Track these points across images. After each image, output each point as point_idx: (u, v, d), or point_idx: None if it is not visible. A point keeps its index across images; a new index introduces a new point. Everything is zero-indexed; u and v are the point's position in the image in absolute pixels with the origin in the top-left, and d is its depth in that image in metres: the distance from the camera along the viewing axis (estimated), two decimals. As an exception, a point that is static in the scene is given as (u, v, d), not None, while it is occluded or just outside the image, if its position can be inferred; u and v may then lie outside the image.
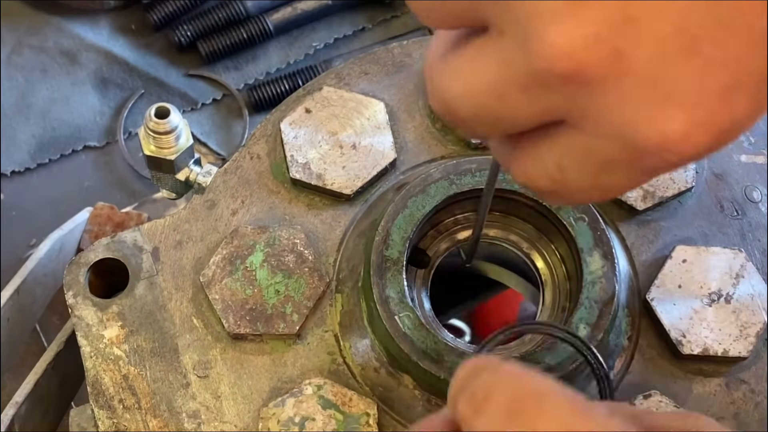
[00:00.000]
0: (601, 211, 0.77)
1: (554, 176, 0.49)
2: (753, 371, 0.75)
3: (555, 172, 0.48)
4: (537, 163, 0.49)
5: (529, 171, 0.50)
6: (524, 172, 0.50)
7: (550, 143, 0.48)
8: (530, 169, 0.50)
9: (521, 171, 0.51)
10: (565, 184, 0.49)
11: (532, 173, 0.50)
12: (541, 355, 0.70)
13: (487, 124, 0.48)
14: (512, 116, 0.47)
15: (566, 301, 0.77)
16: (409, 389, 0.73)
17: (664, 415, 0.55)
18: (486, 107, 0.47)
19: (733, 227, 0.79)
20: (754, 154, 0.83)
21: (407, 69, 0.85)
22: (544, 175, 0.49)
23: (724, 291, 0.75)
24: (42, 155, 1.30)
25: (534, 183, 0.50)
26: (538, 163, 0.49)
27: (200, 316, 0.77)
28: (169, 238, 0.79)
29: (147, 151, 0.82)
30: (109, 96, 1.34)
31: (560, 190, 0.50)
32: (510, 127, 0.48)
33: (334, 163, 0.79)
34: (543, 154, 0.49)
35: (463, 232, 0.80)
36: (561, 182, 0.49)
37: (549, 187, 0.50)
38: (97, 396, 0.74)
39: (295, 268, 0.76)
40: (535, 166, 0.49)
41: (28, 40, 1.36)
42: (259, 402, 0.74)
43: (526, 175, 0.50)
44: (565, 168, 0.48)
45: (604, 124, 0.45)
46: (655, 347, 0.75)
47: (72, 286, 0.77)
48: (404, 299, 0.72)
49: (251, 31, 1.35)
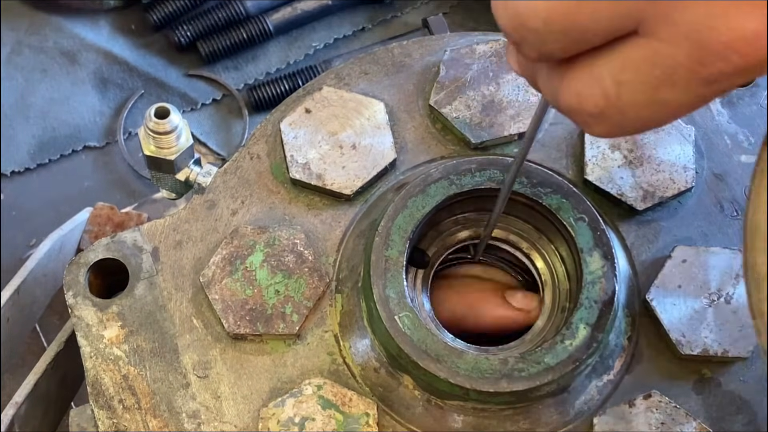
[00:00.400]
0: (601, 211, 0.77)
1: (609, 93, 0.49)
2: (753, 371, 0.75)
3: (611, 87, 0.49)
4: (592, 81, 0.50)
5: (583, 90, 0.50)
6: (576, 92, 0.51)
7: (611, 57, 0.49)
8: (584, 88, 0.50)
9: (572, 92, 0.51)
10: (620, 101, 0.49)
11: (585, 92, 0.50)
12: (541, 354, 0.70)
13: (557, 33, 0.49)
14: (588, 24, 0.48)
15: (566, 301, 0.77)
16: (409, 389, 0.73)
17: None
18: (562, 13, 0.47)
19: (733, 227, 0.79)
20: (754, 154, 0.83)
21: (407, 69, 0.85)
22: (599, 92, 0.50)
23: (724, 291, 0.75)
24: (42, 155, 1.30)
25: (584, 103, 0.51)
26: (593, 80, 0.50)
27: (200, 317, 0.77)
28: (169, 238, 0.79)
29: (147, 151, 0.82)
30: (109, 96, 1.34)
31: (611, 111, 0.50)
32: (580, 38, 0.49)
33: (334, 163, 0.79)
34: (601, 70, 0.49)
35: (463, 232, 0.81)
36: (615, 100, 0.49)
37: (601, 107, 0.50)
38: (97, 396, 0.74)
39: (295, 268, 0.76)
40: (590, 84, 0.50)
41: (28, 40, 1.36)
42: (259, 402, 0.74)
43: (577, 96, 0.51)
44: (624, 82, 0.49)
45: (679, 24, 0.45)
46: (655, 347, 0.75)
47: (72, 286, 0.77)
48: (404, 299, 0.72)
49: (251, 31, 1.35)
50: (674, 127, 0.80)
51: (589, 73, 0.50)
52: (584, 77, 0.50)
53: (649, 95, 0.49)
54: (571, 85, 0.51)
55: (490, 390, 0.69)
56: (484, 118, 0.81)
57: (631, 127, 0.52)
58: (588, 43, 0.49)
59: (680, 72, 0.47)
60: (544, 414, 0.72)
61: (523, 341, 0.76)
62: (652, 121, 0.51)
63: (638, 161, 0.79)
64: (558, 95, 0.53)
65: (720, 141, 0.83)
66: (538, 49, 0.51)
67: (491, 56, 0.83)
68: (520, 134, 0.81)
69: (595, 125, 0.52)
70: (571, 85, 0.51)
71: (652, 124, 0.52)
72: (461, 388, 0.69)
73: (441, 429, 0.72)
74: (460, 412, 0.72)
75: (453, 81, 0.82)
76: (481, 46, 0.83)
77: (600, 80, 0.50)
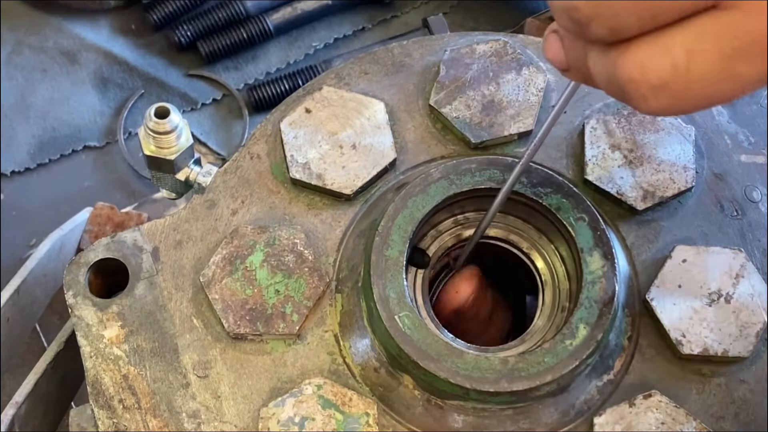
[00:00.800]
0: (601, 211, 0.77)
1: (679, 63, 0.49)
2: (753, 371, 0.75)
3: (682, 57, 0.49)
4: (661, 51, 0.49)
5: (649, 61, 0.50)
6: (639, 63, 0.50)
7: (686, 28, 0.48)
8: (650, 58, 0.50)
9: (636, 63, 0.51)
10: (688, 73, 0.49)
11: (651, 63, 0.50)
12: (541, 354, 0.70)
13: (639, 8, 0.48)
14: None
15: (566, 301, 0.77)
16: (408, 389, 0.73)
17: None
18: None
19: (733, 227, 0.79)
20: (754, 154, 0.83)
21: (407, 69, 0.85)
22: (668, 63, 0.49)
23: (724, 291, 0.75)
24: (42, 155, 1.30)
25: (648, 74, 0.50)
26: (662, 50, 0.49)
27: (200, 316, 0.77)
28: (169, 238, 0.79)
29: (147, 151, 0.82)
30: (109, 96, 1.34)
31: (676, 83, 0.50)
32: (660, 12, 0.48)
33: (334, 163, 0.79)
34: (673, 40, 0.49)
35: (465, 232, 0.81)
36: (683, 71, 0.49)
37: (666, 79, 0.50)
38: (97, 396, 0.74)
39: (295, 268, 0.76)
40: (658, 54, 0.49)
41: (28, 40, 1.36)
42: (259, 402, 0.74)
43: (641, 67, 0.50)
44: (697, 52, 0.48)
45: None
46: (655, 347, 0.75)
47: (72, 286, 0.77)
48: (404, 299, 0.72)
49: (251, 31, 1.35)
50: (674, 127, 0.80)
51: (659, 43, 0.49)
52: (651, 48, 0.50)
53: (721, 67, 0.48)
54: (635, 55, 0.51)
55: (490, 390, 0.69)
56: (484, 117, 0.81)
57: (690, 102, 0.51)
58: (667, 17, 0.49)
59: (760, 45, 0.47)
60: (544, 414, 0.72)
61: (523, 340, 0.76)
62: (714, 96, 0.50)
63: (638, 161, 0.79)
64: (617, 68, 0.52)
65: (720, 141, 0.83)
66: (610, 25, 0.50)
67: (491, 56, 0.83)
68: (520, 134, 0.81)
69: (653, 99, 0.52)
70: (636, 55, 0.50)
71: (713, 100, 0.51)
72: (461, 388, 0.69)
73: (441, 429, 0.72)
74: (460, 411, 0.72)
75: (453, 81, 0.82)
76: (481, 46, 0.83)
77: (670, 50, 0.49)
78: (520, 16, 1.28)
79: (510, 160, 0.77)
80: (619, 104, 0.81)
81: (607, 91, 0.55)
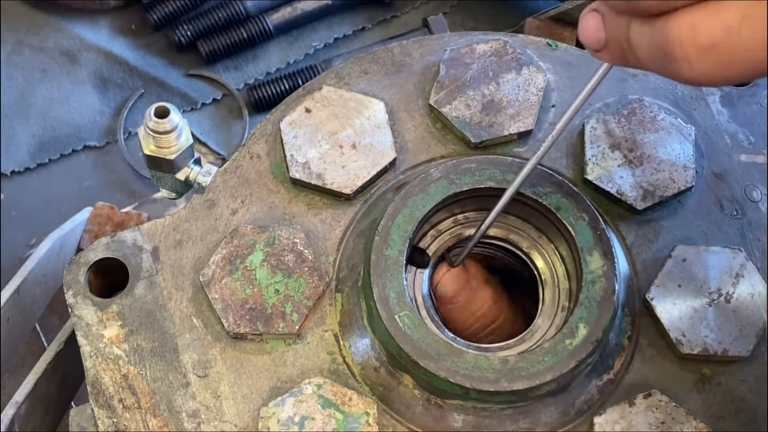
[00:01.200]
0: (601, 211, 0.77)
1: (732, 25, 0.50)
2: (753, 371, 0.75)
3: (735, 20, 0.49)
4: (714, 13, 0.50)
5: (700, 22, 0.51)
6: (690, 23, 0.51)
7: None
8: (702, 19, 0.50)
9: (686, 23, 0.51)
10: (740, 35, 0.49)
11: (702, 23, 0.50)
12: (541, 354, 0.70)
13: None
14: None
15: (566, 300, 0.77)
16: (408, 389, 0.73)
17: None
18: None
19: (733, 227, 0.79)
20: (754, 153, 0.83)
21: (407, 69, 0.85)
22: (720, 24, 0.50)
23: (724, 291, 0.75)
24: (42, 155, 1.30)
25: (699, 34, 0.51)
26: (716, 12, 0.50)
27: (200, 316, 0.77)
28: (168, 237, 0.79)
29: (147, 151, 0.82)
30: (109, 96, 1.34)
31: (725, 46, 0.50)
32: None
33: (333, 163, 0.79)
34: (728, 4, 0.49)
35: (464, 231, 0.80)
36: (735, 33, 0.49)
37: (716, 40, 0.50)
38: (97, 395, 0.74)
39: (295, 267, 0.76)
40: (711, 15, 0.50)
41: (28, 40, 1.36)
42: (258, 401, 0.74)
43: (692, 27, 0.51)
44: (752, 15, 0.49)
45: None
46: (655, 347, 0.75)
47: (72, 286, 0.77)
48: (404, 299, 0.72)
49: (251, 31, 1.35)
50: (674, 127, 0.80)
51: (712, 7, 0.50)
52: (704, 11, 0.50)
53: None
54: (687, 16, 0.51)
55: (490, 389, 0.69)
56: (484, 117, 0.81)
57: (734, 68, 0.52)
58: None
59: None
60: (544, 413, 0.72)
61: (523, 339, 0.76)
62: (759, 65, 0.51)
63: (638, 161, 0.79)
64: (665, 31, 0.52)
65: (720, 140, 0.83)
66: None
67: (491, 56, 0.83)
68: (519, 134, 0.81)
69: (698, 61, 0.52)
70: (688, 15, 0.51)
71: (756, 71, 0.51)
72: (461, 388, 0.69)
73: (441, 428, 0.72)
74: (460, 411, 0.72)
75: (453, 80, 0.82)
76: (481, 46, 0.83)
77: (724, 11, 0.50)
78: (520, 16, 1.28)
79: (510, 159, 0.77)
80: (619, 104, 0.81)
81: (646, 62, 0.56)
